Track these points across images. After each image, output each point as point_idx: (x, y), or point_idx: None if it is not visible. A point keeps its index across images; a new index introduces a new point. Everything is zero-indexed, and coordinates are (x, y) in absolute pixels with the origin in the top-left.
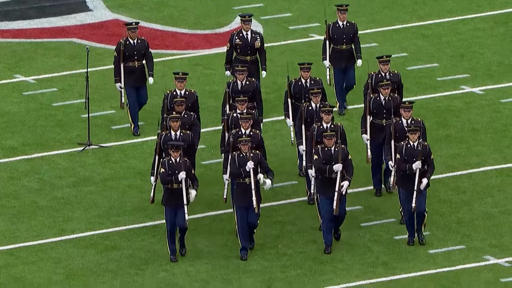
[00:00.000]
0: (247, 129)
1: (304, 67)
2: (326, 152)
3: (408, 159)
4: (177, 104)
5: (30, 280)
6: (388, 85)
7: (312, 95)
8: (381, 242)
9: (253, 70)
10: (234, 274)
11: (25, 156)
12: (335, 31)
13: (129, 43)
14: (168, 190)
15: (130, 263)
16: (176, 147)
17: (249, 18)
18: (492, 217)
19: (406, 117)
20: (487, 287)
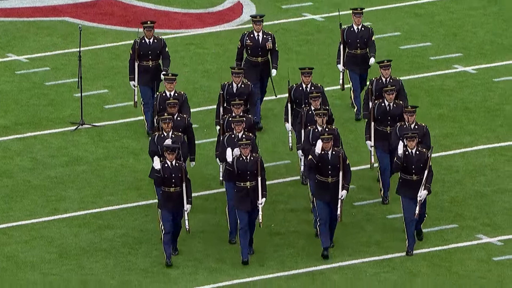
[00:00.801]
0: (240, 132)
1: (305, 72)
2: (321, 155)
3: (405, 166)
4: (170, 106)
5: (23, 259)
6: (392, 91)
7: (312, 99)
8: (374, 221)
9: (264, 72)
10: (227, 254)
11: (18, 135)
12: (350, 35)
13: (145, 42)
14: (165, 193)
15: (123, 242)
16: (172, 150)
17: (261, 18)
18: (484, 196)
19: (409, 121)
20: (480, 266)
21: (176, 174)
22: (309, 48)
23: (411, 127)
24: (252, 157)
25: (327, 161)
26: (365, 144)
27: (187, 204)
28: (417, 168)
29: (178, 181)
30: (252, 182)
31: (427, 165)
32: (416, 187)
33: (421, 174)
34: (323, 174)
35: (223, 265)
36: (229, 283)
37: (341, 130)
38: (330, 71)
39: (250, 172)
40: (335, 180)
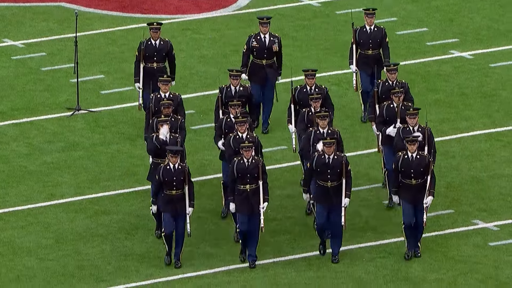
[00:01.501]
0: (243, 132)
1: (308, 74)
2: (321, 160)
3: (404, 170)
4: (164, 106)
5: (20, 244)
6: (400, 93)
7: (312, 101)
8: (370, 206)
9: (269, 74)
10: (223, 240)
11: (14, 120)
12: (362, 35)
13: (150, 43)
14: (167, 196)
15: (120, 227)
16: (176, 152)
17: (267, 20)
18: (480, 181)
19: (412, 125)
20: (476, 251)
21: (178, 177)
22: (305, 34)
23: (414, 130)
24: (253, 160)
25: (328, 165)
26: (362, 129)
27: (190, 207)
28: (417, 172)
29: (180, 184)
30: (253, 185)
31: (427, 169)
32: (416, 191)
33: (421, 178)
34: (323, 179)
35: (220, 250)
36: (226, 268)
37: (338, 115)
38: (327, 56)
39: (251, 175)
40: (335, 185)
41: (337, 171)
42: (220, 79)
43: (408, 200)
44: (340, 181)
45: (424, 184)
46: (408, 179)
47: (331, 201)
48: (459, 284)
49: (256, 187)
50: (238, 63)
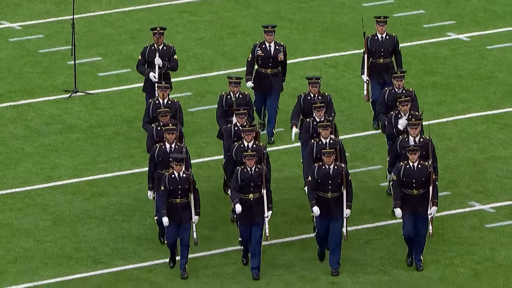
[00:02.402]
0: (250, 141)
1: (312, 82)
2: (322, 170)
3: (406, 180)
4: (161, 114)
5: (17, 226)
6: (407, 102)
7: (315, 109)
8: (367, 189)
9: (274, 84)
10: (220, 222)
11: (12, 102)
12: (374, 44)
13: (154, 48)
14: (171, 204)
15: (117, 209)
16: (180, 160)
17: (273, 29)
18: (477, 163)
19: (413, 135)
20: (472, 233)
21: (183, 185)
22: (302, 16)
23: (415, 141)
24: (257, 169)
25: (328, 176)
26: (359, 111)
27: (195, 216)
28: (418, 183)
29: (184, 192)
30: (256, 194)
31: (429, 179)
32: (417, 202)
33: (423, 189)
34: (323, 190)
35: (217, 232)
36: (223, 250)
37: (335, 97)
38: (324, 39)
39: (254, 184)
40: (335, 195)
41: (337, 181)
42: (217, 62)
43: (409, 211)
44: (341, 191)
45: (426, 195)
46: (409, 189)
47: (331, 212)
48: (455, 266)
49: (259, 196)
50: (235, 45)
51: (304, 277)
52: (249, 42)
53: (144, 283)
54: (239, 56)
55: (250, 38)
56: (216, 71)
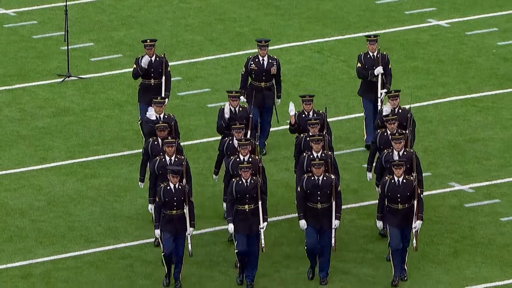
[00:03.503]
0: (245, 155)
1: (305, 100)
2: (311, 181)
3: (391, 195)
4: (160, 129)
5: (13, 206)
6: (394, 120)
7: (310, 126)
8: (351, 170)
9: (267, 98)
10: (209, 201)
11: (7, 86)
12: (366, 61)
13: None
14: (166, 216)
15: (109, 190)
16: (176, 172)
17: (266, 43)
18: (457, 145)
19: (397, 149)
20: (452, 212)
21: (178, 197)
22: (288, 3)
23: (399, 155)
24: (252, 181)
25: (317, 187)
26: (343, 95)
27: (190, 227)
28: (403, 197)
29: (180, 204)
30: (251, 205)
31: (414, 193)
32: (402, 216)
33: (408, 203)
34: (312, 200)
35: (205, 211)
36: (211, 229)
37: (320, 82)
38: (309, 25)
39: (250, 196)
40: (324, 206)
41: (326, 192)
42: (205, 47)
43: (395, 225)
44: (330, 202)
45: (411, 209)
46: (395, 203)
47: (320, 222)
48: (435, 244)
49: (255, 207)
50: (223, 31)
51: (290, 256)
52: (236, 28)
53: (135, 261)
54: (227, 41)
55: (237, 24)
56: (205, 57)
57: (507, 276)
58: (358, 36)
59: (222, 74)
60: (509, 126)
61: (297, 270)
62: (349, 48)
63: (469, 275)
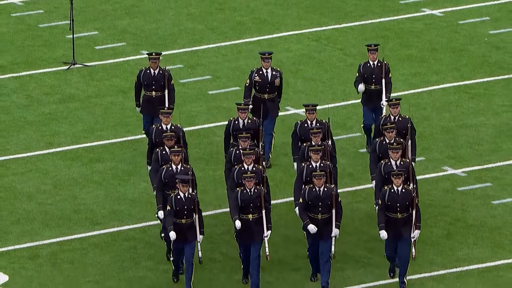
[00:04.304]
0: (249, 164)
1: (309, 109)
2: (312, 192)
3: (390, 204)
4: (167, 138)
5: (20, 189)
6: (392, 128)
7: (312, 135)
8: (347, 154)
9: (270, 109)
10: (210, 185)
11: (14, 74)
12: (366, 70)
13: (149, 72)
14: (176, 225)
15: (113, 174)
16: (186, 181)
17: (269, 56)
18: (450, 131)
19: (394, 158)
20: (445, 196)
21: (188, 206)
22: None
23: (397, 164)
24: (256, 190)
25: (318, 198)
26: (340, 82)
27: (200, 235)
28: (402, 207)
29: (190, 212)
30: (255, 214)
31: (412, 203)
32: (400, 225)
33: (406, 212)
34: (314, 211)
35: (206, 195)
36: (213, 212)
37: (317, 70)
38: (307, 14)
39: (253, 205)
40: (325, 217)
41: (327, 203)
42: (206, 36)
43: (392, 234)
44: (330, 213)
45: (409, 218)
46: (393, 213)
47: (321, 232)
48: (429, 226)
49: (258, 216)
50: (223, 20)
51: (288, 237)
52: (236, 17)
53: (138, 243)
54: (227, 30)
55: (237, 14)
56: (206, 45)
57: (498, 257)
58: (355, 25)
59: (223, 62)
60: (500, 112)
61: (295, 252)
62: (346, 37)
63: (462, 256)
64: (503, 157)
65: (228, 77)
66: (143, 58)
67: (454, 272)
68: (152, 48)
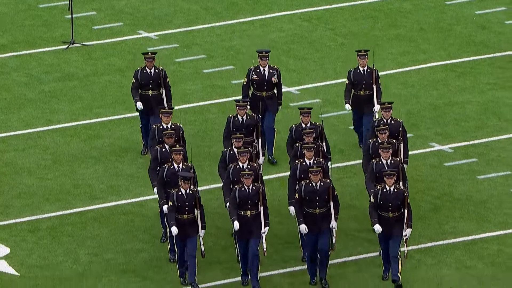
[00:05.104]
0: (244, 162)
1: (304, 112)
2: (309, 188)
3: (382, 203)
4: (167, 136)
5: (21, 165)
6: (385, 130)
7: (305, 135)
8: (338, 131)
9: (269, 105)
10: (204, 161)
11: (15, 53)
12: (355, 76)
13: (146, 71)
14: (178, 220)
15: (111, 150)
16: (188, 179)
17: (266, 54)
18: (437, 108)
19: (385, 158)
20: (432, 171)
21: (190, 202)
22: None
23: (388, 163)
24: (254, 187)
25: (315, 193)
26: (330, 61)
27: (202, 230)
28: (394, 206)
29: (191, 208)
30: (253, 211)
31: (404, 202)
32: (392, 224)
33: (397, 211)
34: (311, 206)
35: (201, 171)
36: (207, 187)
37: (308, 49)
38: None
39: (251, 202)
40: (323, 211)
41: (324, 197)
42: (201, 16)
43: (384, 232)
44: (328, 207)
45: (400, 217)
46: (385, 212)
47: (319, 227)
48: (417, 200)
49: (256, 212)
50: (218, 1)
51: (282, 223)
52: None
53: (135, 217)
54: (222, 10)
55: None
56: (201, 25)
57: (483, 230)
58: (345, 6)
59: (217, 42)
60: (486, 90)
61: (287, 226)
62: (336, 17)
63: (448, 229)
64: (488, 134)
65: (222, 56)
66: (139, 37)
67: (441, 245)
68: (148, 28)
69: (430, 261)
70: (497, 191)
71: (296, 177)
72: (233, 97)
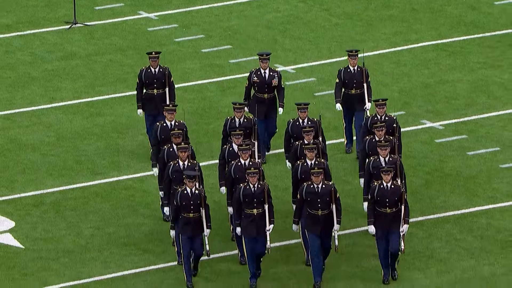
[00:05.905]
0: (246, 159)
1: (301, 108)
2: (310, 189)
3: (380, 199)
4: (175, 136)
5: (25, 141)
6: (382, 127)
7: (305, 133)
8: (332, 109)
9: (270, 108)
10: (204, 137)
11: (19, 32)
12: (346, 75)
13: (150, 71)
14: (184, 219)
15: (113, 127)
16: (193, 177)
17: (267, 56)
18: (428, 86)
19: (383, 155)
20: (424, 147)
21: (195, 201)
22: None
23: (385, 161)
24: (259, 185)
25: (317, 195)
26: (324, 41)
27: (207, 229)
28: (391, 202)
29: (196, 207)
30: (259, 209)
31: (401, 199)
32: (390, 220)
33: (395, 207)
34: (313, 208)
35: (200, 147)
36: (205, 164)
37: (303, 29)
38: None
39: (257, 200)
40: (325, 213)
41: (326, 199)
42: None
43: (382, 229)
44: (330, 209)
45: (397, 213)
46: (383, 208)
47: (321, 229)
48: (409, 176)
49: (262, 211)
50: None
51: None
52: None
53: (136, 192)
54: None
55: None
56: (199, 6)
57: (472, 204)
58: None
59: (216, 22)
60: (475, 69)
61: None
62: None
63: (439, 204)
64: (477, 111)
65: (220, 36)
66: (140, 18)
67: (432, 219)
68: (148, 8)
69: (422, 234)
70: (486, 166)
71: (297, 177)
72: (230, 76)
